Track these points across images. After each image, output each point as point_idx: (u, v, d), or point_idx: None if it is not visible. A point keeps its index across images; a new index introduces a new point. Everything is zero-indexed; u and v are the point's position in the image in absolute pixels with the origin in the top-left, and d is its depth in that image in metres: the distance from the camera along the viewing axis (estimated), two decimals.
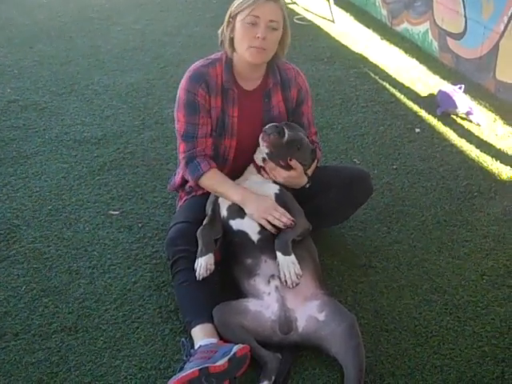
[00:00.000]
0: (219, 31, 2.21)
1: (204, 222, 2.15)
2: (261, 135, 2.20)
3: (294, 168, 2.19)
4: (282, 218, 2.08)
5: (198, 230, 2.12)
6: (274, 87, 2.29)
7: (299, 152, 2.21)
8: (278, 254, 2.03)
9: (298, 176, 2.21)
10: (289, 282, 1.99)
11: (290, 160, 2.18)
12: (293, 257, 2.02)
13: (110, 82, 3.99)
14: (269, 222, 2.08)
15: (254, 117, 2.27)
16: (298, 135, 2.22)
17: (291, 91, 2.33)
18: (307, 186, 2.26)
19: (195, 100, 2.19)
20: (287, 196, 2.19)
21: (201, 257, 2.04)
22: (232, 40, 2.17)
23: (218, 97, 2.21)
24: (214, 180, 2.21)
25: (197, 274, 2.02)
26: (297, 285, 1.99)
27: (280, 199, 2.16)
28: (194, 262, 2.05)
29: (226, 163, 2.31)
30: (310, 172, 2.30)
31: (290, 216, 2.10)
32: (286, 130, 2.17)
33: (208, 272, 2.03)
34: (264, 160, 2.23)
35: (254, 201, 2.12)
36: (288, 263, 2.00)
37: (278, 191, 2.18)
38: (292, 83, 2.33)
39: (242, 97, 2.25)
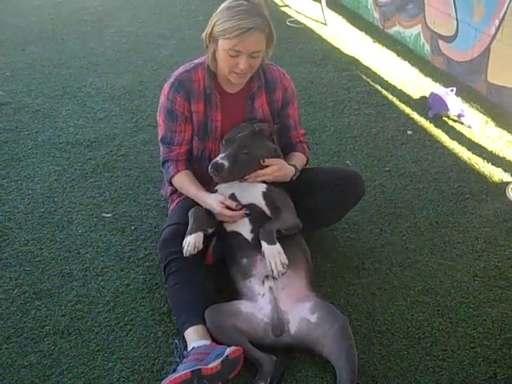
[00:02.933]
0: (203, 35, 2.14)
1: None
2: None
3: (270, 164, 2.18)
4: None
5: (191, 210, 2.13)
6: (258, 90, 2.28)
7: (252, 151, 2.14)
8: (263, 243, 2.00)
9: (279, 167, 2.20)
10: (275, 272, 1.97)
11: (263, 162, 2.16)
12: (278, 246, 2.00)
13: (103, 85, 3.99)
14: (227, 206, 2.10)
15: (237, 120, 2.26)
16: (236, 145, 2.12)
17: (276, 93, 2.32)
18: (296, 176, 2.26)
19: (173, 108, 2.22)
20: (275, 192, 2.18)
21: (190, 235, 2.04)
22: (215, 53, 2.13)
23: (200, 102, 2.22)
24: (180, 183, 2.25)
25: (184, 251, 2.01)
26: (283, 274, 1.98)
27: (268, 197, 2.16)
28: (187, 264, 2.05)
29: None
30: (296, 163, 2.28)
31: None
32: (221, 161, 2.07)
33: (196, 250, 2.01)
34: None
35: (209, 196, 2.16)
36: (273, 252, 1.99)
37: (265, 189, 2.17)
38: (277, 85, 2.32)
39: (226, 100, 2.25)
